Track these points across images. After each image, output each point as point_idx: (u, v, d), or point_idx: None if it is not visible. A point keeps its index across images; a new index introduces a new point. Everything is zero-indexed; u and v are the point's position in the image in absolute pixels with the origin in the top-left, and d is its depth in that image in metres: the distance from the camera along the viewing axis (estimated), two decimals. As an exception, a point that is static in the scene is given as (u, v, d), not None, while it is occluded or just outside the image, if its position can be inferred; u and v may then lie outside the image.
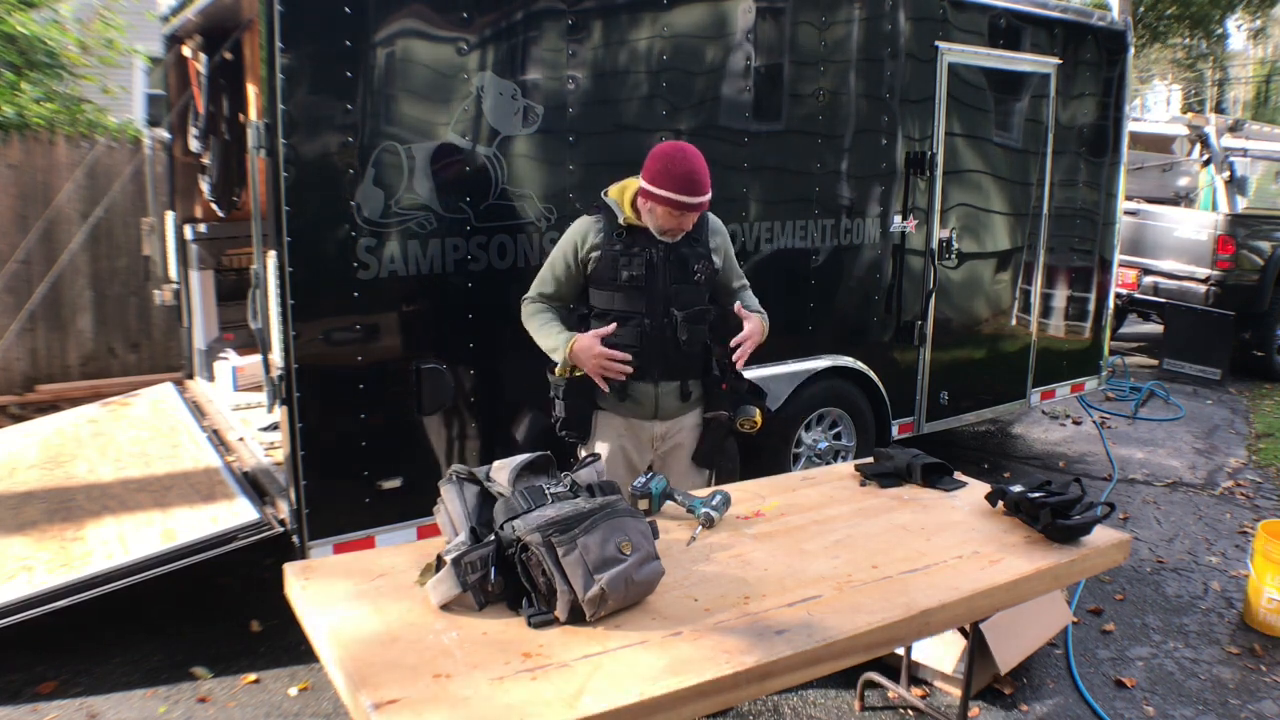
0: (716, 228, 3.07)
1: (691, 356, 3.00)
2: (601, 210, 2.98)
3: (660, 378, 2.97)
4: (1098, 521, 2.54)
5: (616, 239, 2.92)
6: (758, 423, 3.10)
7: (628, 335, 2.91)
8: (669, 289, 2.92)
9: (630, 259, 2.90)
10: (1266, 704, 3.36)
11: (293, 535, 3.33)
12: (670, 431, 3.05)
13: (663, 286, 2.92)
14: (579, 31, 3.64)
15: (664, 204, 2.81)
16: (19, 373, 6.24)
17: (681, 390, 3.01)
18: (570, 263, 2.96)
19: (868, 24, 4.53)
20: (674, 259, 2.93)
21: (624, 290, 2.91)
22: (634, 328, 2.91)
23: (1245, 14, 24.46)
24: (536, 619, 1.93)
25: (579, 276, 2.98)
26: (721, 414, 3.06)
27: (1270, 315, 8.62)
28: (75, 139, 6.31)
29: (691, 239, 2.96)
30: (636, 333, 2.91)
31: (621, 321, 2.91)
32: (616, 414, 3.00)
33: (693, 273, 2.95)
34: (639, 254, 2.90)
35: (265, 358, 3.38)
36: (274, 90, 3.05)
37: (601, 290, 2.95)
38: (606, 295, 2.94)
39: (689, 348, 2.98)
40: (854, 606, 2.08)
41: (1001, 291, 5.44)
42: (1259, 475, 5.95)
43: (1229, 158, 8.46)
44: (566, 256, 2.97)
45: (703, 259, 2.97)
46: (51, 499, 3.98)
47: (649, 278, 2.90)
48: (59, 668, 3.42)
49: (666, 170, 2.80)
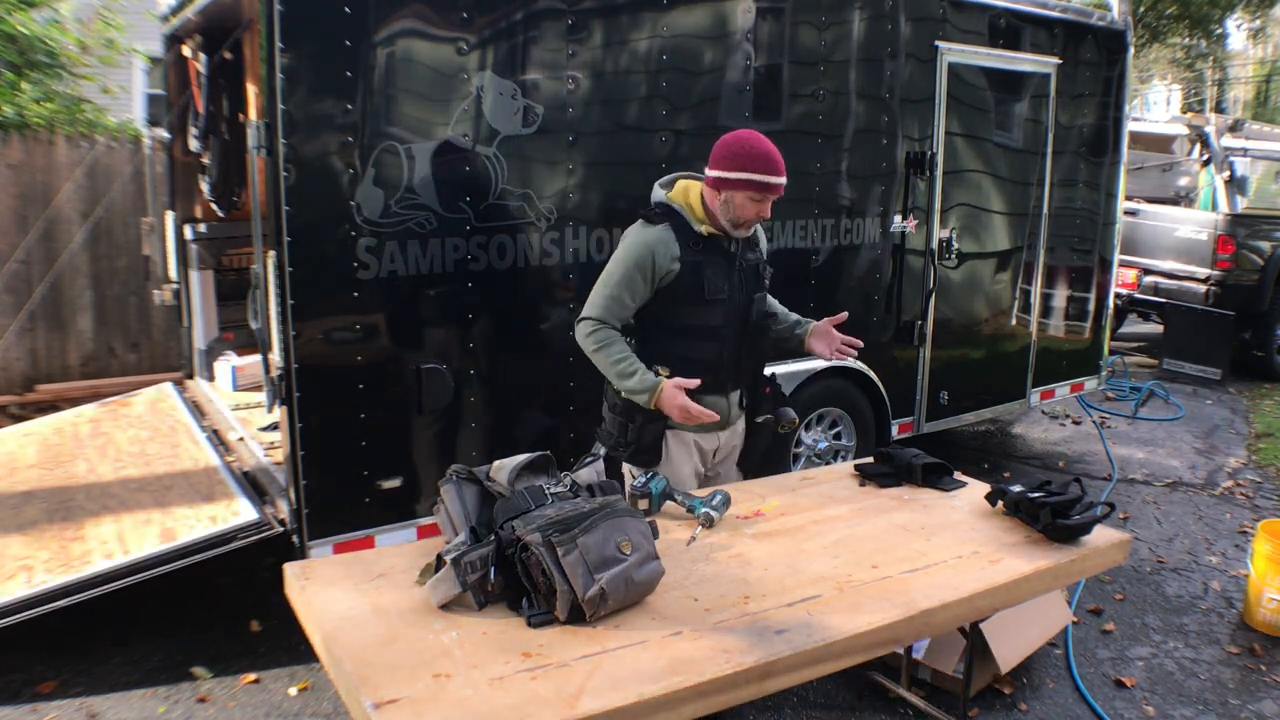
0: (760, 231, 2.97)
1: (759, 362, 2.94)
2: (667, 217, 2.75)
3: (732, 388, 2.89)
4: (1098, 521, 2.54)
5: (695, 249, 2.72)
6: (796, 424, 3.04)
7: (710, 350, 2.77)
8: (747, 299, 2.82)
9: (715, 270, 2.73)
10: (1266, 704, 3.36)
11: (293, 535, 3.33)
12: (728, 440, 2.99)
13: (741, 297, 2.81)
14: (579, 31, 3.64)
15: (745, 188, 2.65)
16: (19, 373, 6.23)
17: (741, 397, 2.94)
18: (648, 280, 2.72)
19: (867, 24, 4.52)
20: (747, 266, 2.81)
21: (708, 304, 2.73)
22: (715, 343, 2.77)
23: (1245, 14, 24.44)
24: (536, 619, 1.93)
25: (651, 293, 2.75)
26: (769, 418, 2.98)
27: (1270, 315, 8.61)
28: (75, 139, 6.31)
29: (753, 243, 2.87)
30: (718, 346, 2.78)
31: (704, 336, 2.75)
32: (689, 431, 2.85)
33: (763, 279, 2.87)
34: (721, 265, 2.75)
35: (265, 358, 3.38)
36: (274, 90, 3.05)
37: (680, 305, 2.74)
38: (687, 310, 2.74)
39: (761, 356, 2.92)
40: (854, 606, 2.08)
41: (1001, 291, 5.44)
42: (1259, 475, 5.95)
43: (1229, 158, 8.46)
44: (645, 273, 2.71)
45: (764, 264, 2.90)
46: (51, 499, 3.98)
47: (730, 290, 2.77)
48: (59, 668, 3.42)
49: (745, 152, 2.66)
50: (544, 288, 3.72)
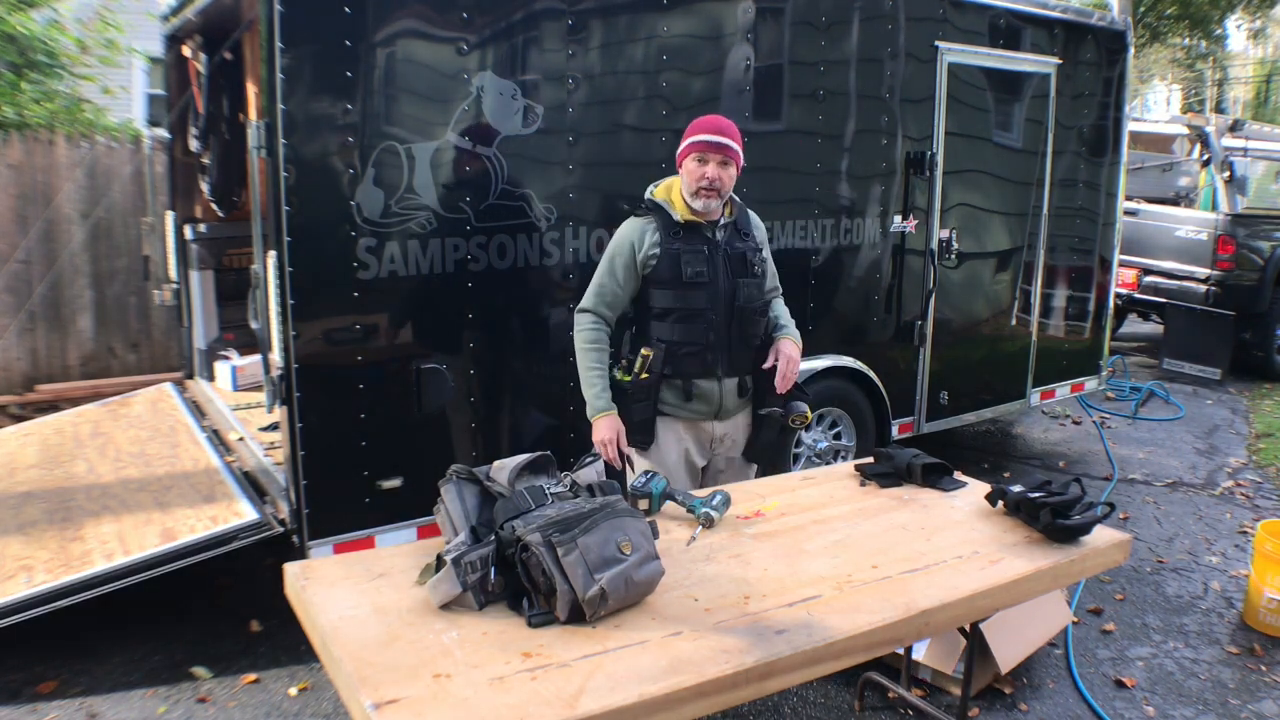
0: (757, 223, 3.11)
1: (753, 350, 3.01)
2: (651, 210, 2.96)
3: (724, 374, 2.97)
4: (1098, 521, 2.53)
5: (675, 236, 2.90)
6: (809, 418, 3.10)
7: (695, 332, 2.91)
8: (732, 283, 2.93)
9: (693, 254, 2.89)
10: (1266, 704, 3.36)
11: (293, 535, 3.33)
12: (729, 431, 3.06)
13: (725, 281, 2.92)
14: (579, 31, 3.64)
15: (690, 151, 2.85)
16: (19, 373, 6.23)
17: (740, 386, 3.02)
18: (630, 265, 2.93)
19: (867, 24, 4.53)
20: (733, 253, 2.94)
21: (688, 287, 2.89)
22: (700, 324, 2.91)
23: (1245, 14, 24.45)
24: (536, 619, 1.93)
25: (638, 279, 2.95)
26: (776, 410, 3.05)
27: (1270, 315, 8.61)
28: (75, 139, 6.31)
29: (742, 233, 2.99)
30: (703, 329, 2.91)
31: (687, 319, 2.90)
32: (679, 417, 3.00)
33: (751, 266, 2.96)
34: (699, 249, 2.90)
35: (265, 358, 3.38)
36: (274, 90, 3.05)
37: (663, 289, 2.92)
38: (669, 294, 2.91)
39: (752, 342, 2.99)
40: (854, 606, 2.07)
41: (1001, 291, 5.44)
42: (1259, 475, 5.95)
43: (1229, 158, 8.46)
44: (626, 259, 2.94)
45: (756, 252, 3.00)
46: (51, 499, 3.98)
47: (711, 273, 2.90)
48: (59, 668, 3.42)
49: (691, 126, 2.89)
50: (544, 288, 3.72)
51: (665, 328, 2.93)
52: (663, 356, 2.92)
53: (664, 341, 2.92)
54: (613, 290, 2.96)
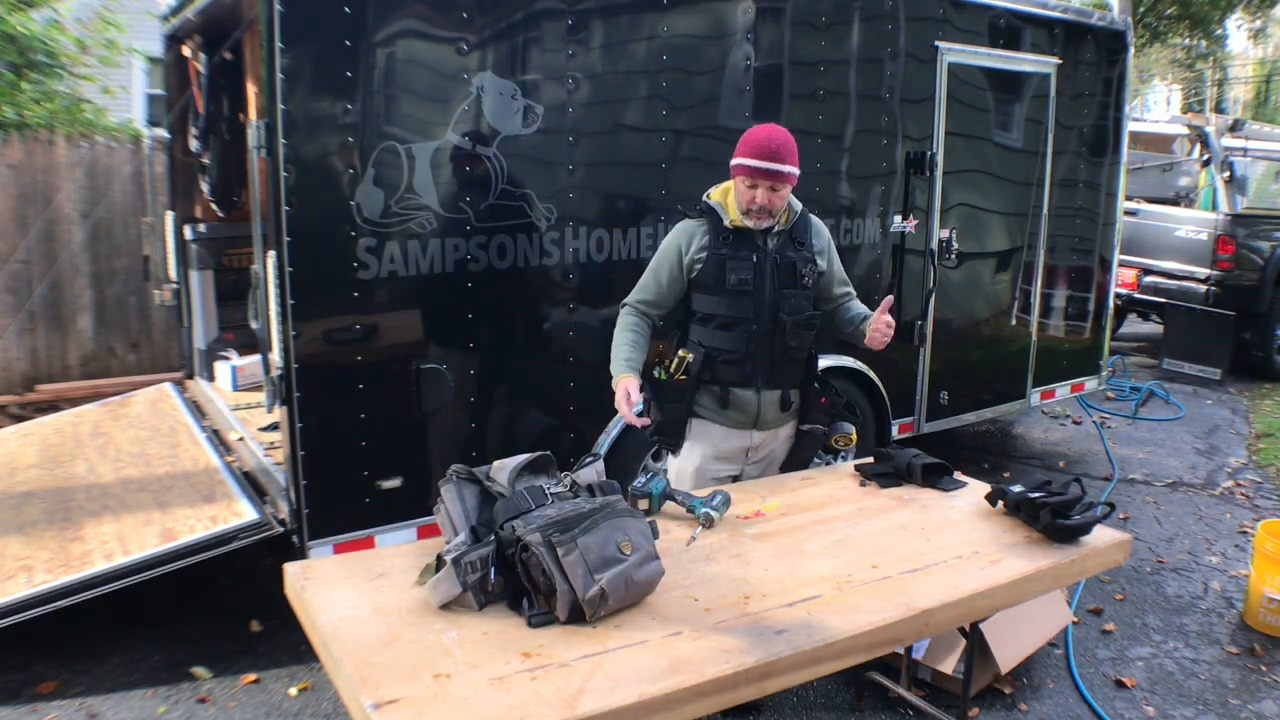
0: (819, 229, 3.01)
1: (797, 364, 2.96)
2: (705, 213, 2.90)
3: (764, 386, 2.91)
4: (1098, 521, 2.54)
5: (723, 242, 2.84)
6: (853, 439, 3.05)
7: (735, 340, 2.85)
8: (777, 294, 2.86)
9: (739, 262, 2.82)
10: (1266, 704, 3.36)
11: (293, 535, 3.33)
12: (766, 442, 3.00)
13: (771, 291, 2.85)
14: (579, 32, 3.64)
15: (739, 173, 2.77)
16: (19, 373, 6.23)
17: (783, 399, 2.96)
18: (675, 267, 2.89)
19: (867, 24, 4.53)
20: (782, 262, 2.87)
21: (731, 295, 2.83)
22: (741, 333, 2.85)
23: (1245, 14, 24.46)
24: (536, 619, 1.93)
25: (683, 281, 2.91)
26: (819, 428, 3.01)
27: (1270, 315, 8.61)
28: (75, 139, 6.31)
29: (797, 242, 2.91)
30: (744, 338, 2.85)
31: (728, 326, 2.85)
32: (714, 422, 2.94)
33: (800, 277, 2.89)
34: (747, 257, 2.83)
35: (265, 358, 3.38)
36: (274, 90, 3.05)
37: (707, 295, 2.87)
38: (712, 300, 2.86)
39: (796, 355, 2.93)
40: (854, 606, 2.08)
41: (1001, 291, 5.44)
42: (1259, 475, 5.95)
43: (1229, 158, 8.46)
44: (671, 261, 2.89)
45: (809, 263, 2.91)
46: (51, 499, 3.98)
47: (757, 282, 2.84)
48: (59, 668, 3.42)
49: (744, 139, 2.78)
50: (544, 288, 3.71)
51: (706, 333, 2.89)
52: (701, 361, 2.87)
53: (704, 346, 2.88)
54: (655, 289, 2.93)
